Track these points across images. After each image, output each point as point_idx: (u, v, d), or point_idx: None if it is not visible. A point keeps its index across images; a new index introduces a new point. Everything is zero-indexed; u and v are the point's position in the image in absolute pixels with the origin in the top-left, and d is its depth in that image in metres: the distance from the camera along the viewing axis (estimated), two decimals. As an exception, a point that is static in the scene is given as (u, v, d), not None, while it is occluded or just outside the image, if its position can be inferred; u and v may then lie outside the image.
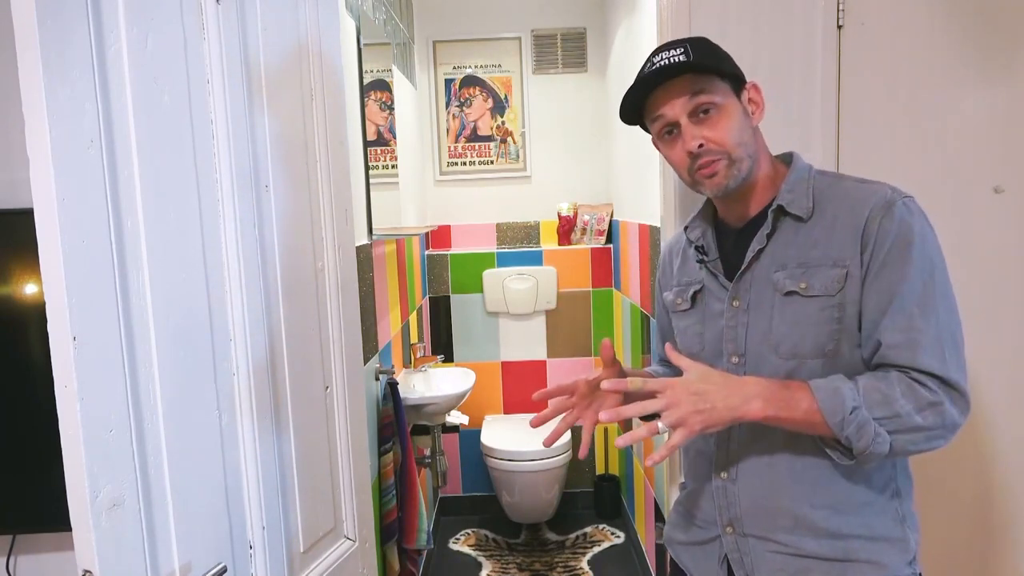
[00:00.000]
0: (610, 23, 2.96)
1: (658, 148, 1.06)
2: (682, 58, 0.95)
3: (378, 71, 2.21)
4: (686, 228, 1.12)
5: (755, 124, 1.02)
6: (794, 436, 0.97)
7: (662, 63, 0.97)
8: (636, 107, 1.03)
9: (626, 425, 2.10)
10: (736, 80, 1.00)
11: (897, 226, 0.91)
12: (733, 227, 1.06)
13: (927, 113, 1.52)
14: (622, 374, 1.05)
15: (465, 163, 3.27)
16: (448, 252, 3.20)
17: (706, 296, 1.07)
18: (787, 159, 1.07)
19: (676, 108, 0.97)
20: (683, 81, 0.96)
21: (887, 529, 0.98)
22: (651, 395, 0.89)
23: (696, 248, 1.09)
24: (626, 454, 2.97)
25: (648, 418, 0.91)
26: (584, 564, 2.76)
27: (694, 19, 1.49)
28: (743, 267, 1.01)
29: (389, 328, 2.28)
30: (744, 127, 0.98)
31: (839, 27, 1.49)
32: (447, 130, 3.25)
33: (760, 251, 1.00)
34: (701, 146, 0.96)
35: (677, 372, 0.98)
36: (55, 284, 0.69)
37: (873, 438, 0.87)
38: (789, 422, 0.90)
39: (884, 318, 0.90)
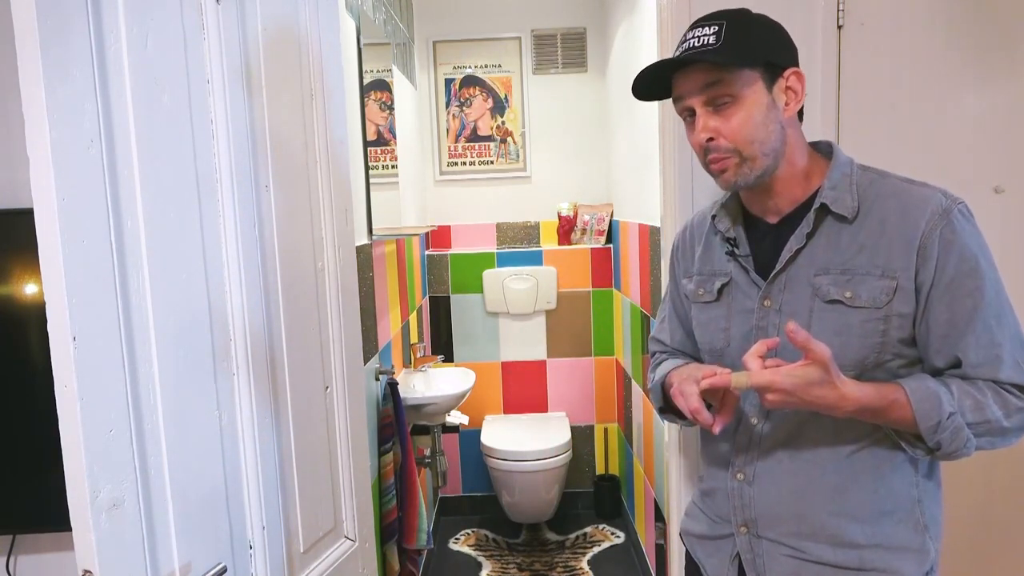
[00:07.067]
0: (610, 23, 2.96)
1: None
2: (712, 40, 0.90)
3: (378, 71, 2.21)
4: (714, 217, 1.06)
5: (788, 116, 0.94)
6: (818, 444, 0.95)
7: (692, 42, 0.93)
8: (664, 81, 0.98)
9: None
10: (770, 67, 0.93)
11: (960, 238, 0.88)
12: (765, 221, 1.01)
13: (927, 113, 1.51)
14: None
15: (465, 163, 3.27)
16: (448, 252, 3.20)
17: (734, 291, 1.02)
18: (825, 149, 1.00)
19: (692, 94, 0.93)
20: (704, 65, 0.92)
21: (906, 539, 0.96)
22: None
23: (727, 240, 1.03)
24: (626, 454, 2.97)
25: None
26: (584, 564, 2.76)
27: (694, 19, 1.48)
28: (779, 267, 0.96)
29: (389, 328, 2.28)
30: (766, 121, 0.92)
31: (839, 27, 1.49)
32: (447, 130, 3.25)
33: (798, 251, 0.95)
34: (711, 140, 0.93)
35: (698, 359, 1.00)
36: (55, 284, 0.69)
37: (964, 442, 0.88)
38: (874, 421, 0.91)
39: (966, 336, 0.89)
